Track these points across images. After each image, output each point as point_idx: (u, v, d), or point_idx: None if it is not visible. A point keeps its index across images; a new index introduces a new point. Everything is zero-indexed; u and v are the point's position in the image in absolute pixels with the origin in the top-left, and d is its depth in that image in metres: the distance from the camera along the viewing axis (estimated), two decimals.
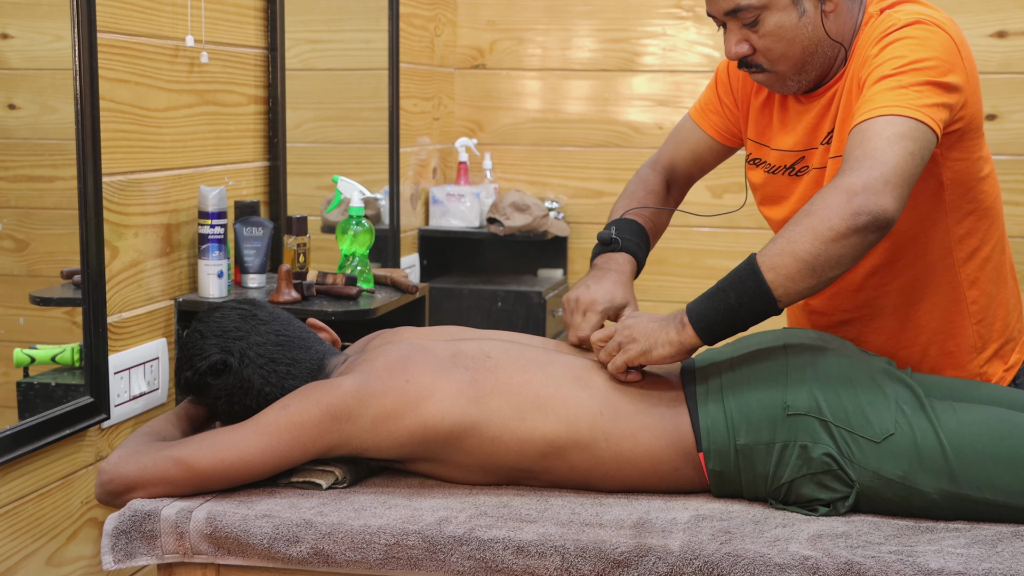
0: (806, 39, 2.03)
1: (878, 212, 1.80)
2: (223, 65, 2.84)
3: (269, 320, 2.09)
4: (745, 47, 2.05)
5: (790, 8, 2.01)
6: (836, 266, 1.83)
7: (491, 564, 1.79)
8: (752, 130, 2.24)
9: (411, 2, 4.00)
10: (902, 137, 1.85)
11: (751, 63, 2.08)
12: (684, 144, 2.38)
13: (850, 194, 1.81)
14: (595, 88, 4.42)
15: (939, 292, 2.11)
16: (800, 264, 1.83)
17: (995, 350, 2.17)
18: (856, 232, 1.81)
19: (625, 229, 2.23)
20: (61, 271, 2.39)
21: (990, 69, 4.05)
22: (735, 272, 1.89)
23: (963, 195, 2.07)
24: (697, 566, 1.75)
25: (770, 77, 2.09)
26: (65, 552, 2.36)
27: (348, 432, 1.92)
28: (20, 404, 2.27)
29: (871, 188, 1.81)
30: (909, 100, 1.89)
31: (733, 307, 1.88)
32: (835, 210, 1.81)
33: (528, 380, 1.97)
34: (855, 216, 1.80)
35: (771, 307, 1.87)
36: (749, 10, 2.01)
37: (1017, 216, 4.06)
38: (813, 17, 2.02)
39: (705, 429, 1.94)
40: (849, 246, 1.81)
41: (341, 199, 3.03)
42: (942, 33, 1.96)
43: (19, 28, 2.27)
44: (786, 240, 1.84)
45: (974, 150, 2.06)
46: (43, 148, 2.33)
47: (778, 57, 2.04)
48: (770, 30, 2.02)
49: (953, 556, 1.73)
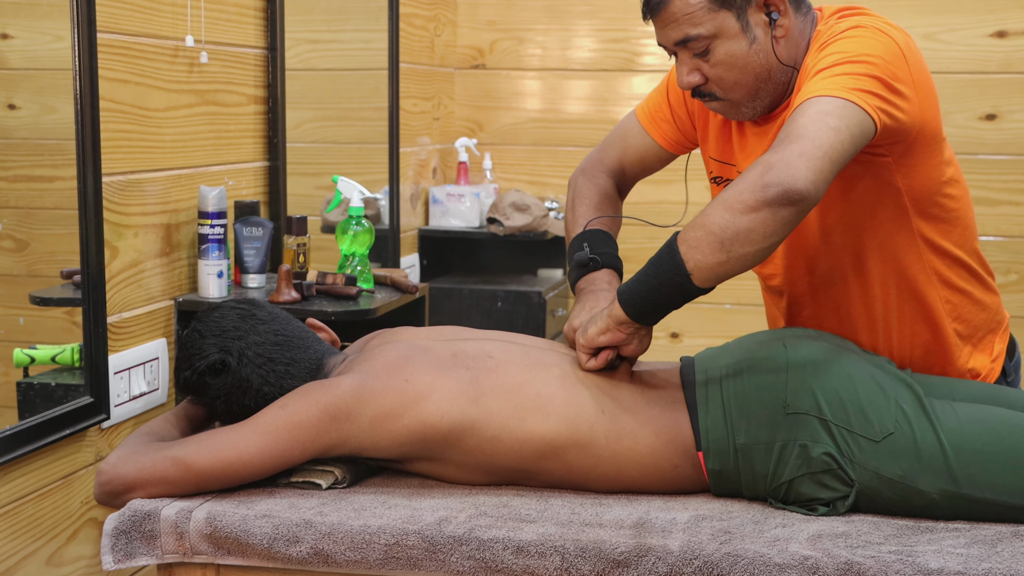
0: (758, 66, 2.01)
1: (788, 183, 1.76)
2: (223, 65, 2.84)
3: (268, 320, 2.09)
4: (697, 76, 2.03)
5: (740, 36, 1.99)
6: (746, 241, 1.79)
7: (491, 564, 1.79)
8: (714, 149, 2.22)
9: (411, 2, 4.00)
10: (826, 114, 1.82)
11: (704, 92, 2.06)
12: (632, 149, 2.35)
13: (764, 168, 1.79)
14: (595, 88, 4.42)
15: (914, 297, 2.10)
16: (710, 237, 1.81)
17: (975, 344, 2.17)
18: (766, 205, 1.77)
19: (598, 243, 2.22)
20: (61, 271, 2.39)
21: (990, 69, 4.05)
22: (661, 248, 1.90)
23: (926, 200, 2.05)
24: (697, 566, 1.75)
25: (724, 105, 2.07)
26: (65, 552, 2.36)
27: (347, 431, 1.92)
28: (20, 404, 2.27)
29: (785, 161, 1.78)
30: (841, 84, 1.87)
31: (651, 281, 1.89)
32: (748, 183, 1.79)
33: (529, 380, 1.97)
34: (765, 188, 1.77)
35: (686, 282, 1.84)
36: (699, 40, 1.99)
37: (1017, 216, 4.07)
38: (764, 44, 2.00)
39: (704, 428, 1.94)
40: (759, 220, 1.78)
41: (341, 199, 3.03)
42: (885, 37, 1.95)
43: (19, 28, 2.27)
44: (702, 214, 1.84)
45: (931, 156, 2.03)
46: (43, 148, 2.33)
47: (731, 86, 2.03)
48: (721, 59, 2.00)
49: (953, 556, 1.73)
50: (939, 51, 4.04)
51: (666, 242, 1.89)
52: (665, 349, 4.37)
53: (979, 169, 4.05)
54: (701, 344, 4.20)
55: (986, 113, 4.06)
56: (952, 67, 4.05)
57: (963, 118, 4.04)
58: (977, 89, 4.05)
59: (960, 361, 2.15)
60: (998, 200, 4.06)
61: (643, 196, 2.44)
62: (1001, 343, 2.21)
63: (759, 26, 2.00)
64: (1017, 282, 4.08)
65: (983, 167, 4.06)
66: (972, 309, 2.14)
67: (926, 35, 4.04)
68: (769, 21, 2.00)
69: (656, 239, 3.93)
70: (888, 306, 2.11)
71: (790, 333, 2.09)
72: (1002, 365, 2.20)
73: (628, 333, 1.96)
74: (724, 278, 1.85)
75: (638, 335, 1.97)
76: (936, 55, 4.04)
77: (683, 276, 1.84)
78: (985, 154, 4.07)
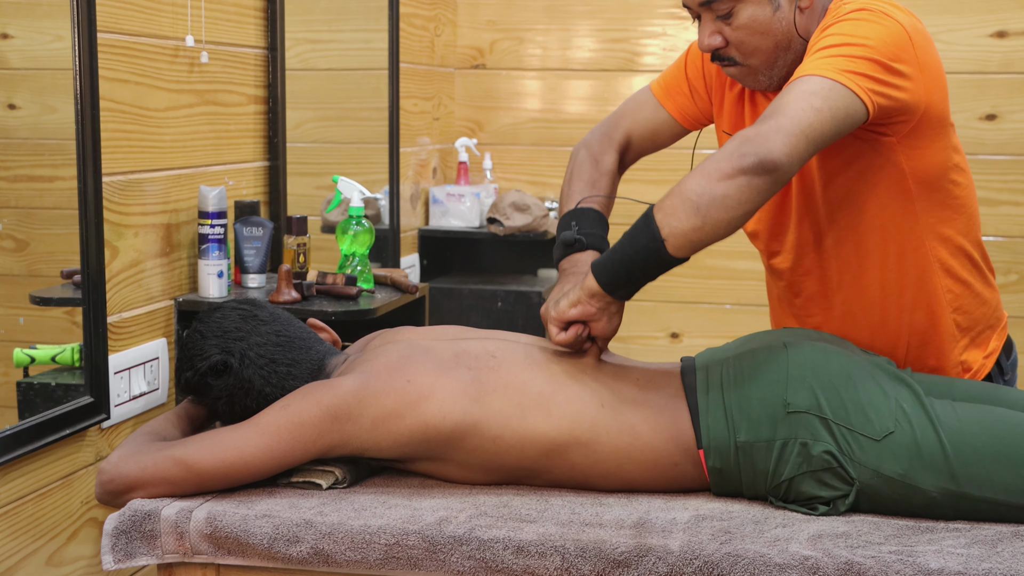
0: (779, 33, 2.04)
1: (763, 154, 1.81)
2: (223, 65, 2.84)
3: (270, 320, 2.09)
4: (718, 39, 2.06)
5: (765, 2, 2.03)
6: (721, 207, 1.83)
7: (491, 564, 1.79)
8: (727, 122, 2.24)
9: (411, 2, 4.00)
10: (811, 94, 1.86)
11: (723, 56, 2.09)
12: (644, 121, 2.35)
13: (742, 140, 1.84)
14: (595, 88, 4.42)
15: (916, 283, 2.11)
16: (685, 203, 1.84)
17: (972, 338, 2.17)
18: (742, 173, 1.81)
19: (586, 223, 2.20)
20: (61, 271, 2.39)
21: (990, 69, 4.05)
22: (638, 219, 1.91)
23: (931, 184, 2.06)
24: (697, 566, 1.75)
25: (742, 71, 2.10)
26: (65, 552, 2.36)
27: (349, 432, 1.92)
28: (20, 404, 2.27)
29: (763, 134, 1.83)
30: (834, 65, 1.90)
31: (626, 249, 1.91)
32: (725, 153, 1.84)
33: (531, 378, 1.97)
34: (741, 157, 1.82)
35: (660, 248, 1.87)
36: (724, 1, 2.03)
37: (1017, 216, 4.07)
38: (787, 12, 2.04)
39: (705, 426, 1.94)
40: (734, 187, 1.82)
41: (341, 199, 3.03)
42: (891, 21, 1.97)
43: (19, 28, 2.27)
44: (679, 184, 1.87)
45: (937, 140, 2.05)
46: (43, 148, 2.33)
47: (751, 50, 2.05)
48: (744, 22, 2.03)
49: (953, 556, 1.73)
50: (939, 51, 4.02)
51: (643, 213, 1.90)
52: (665, 349, 4.37)
53: (979, 169, 4.04)
54: (701, 344, 4.19)
55: (986, 113, 4.06)
56: (952, 67, 4.05)
57: (963, 118, 4.03)
58: (977, 89, 4.05)
59: (955, 353, 2.15)
60: (998, 200, 4.06)
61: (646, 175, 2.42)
62: (998, 340, 2.22)
63: None
64: (1017, 282, 4.08)
65: (983, 167, 4.06)
66: (973, 302, 2.15)
67: None
68: None
69: None
70: (887, 290, 2.11)
71: (790, 333, 2.10)
72: (994, 362, 2.20)
73: (599, 307, 1.96)
74: (699, 246, 1.87)
75: (608, 311, 1.98)
76: None
77: (658, 242, 1.87)
78: (985, 154, 4.07)
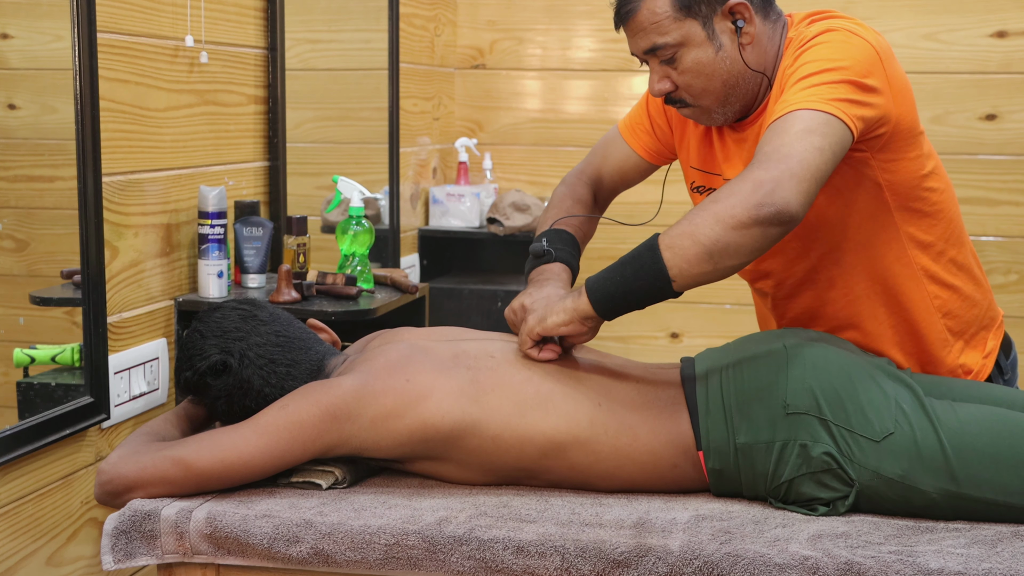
0: (725, 72, 2.05)
1: (782, 206, 1.82)
2: (223, 65, 2.84)
3: (269, 321, 2.09)
4: (667, 84, 2.08)
5: (706, 44, 2.04)
6: (734, 255, 1.85)
7: (491, 564, 1.79)
8: (695, 158, 2.25)
9: (411, 2, 4.00)
10: (810, 132, 1.87)
11: (675, 99, 2.11)
12: (612, 159, 2.39)
13: (756, 185, 1.83)
14: (595, 88, 4.42)
15: (902, 293, 2.11)
16: (698, 248, 1.85)
17: (967, 340, 2.17)
18: (758, 223, 1.83)
19: (556, 240, 2.24)
20: (61, 271, 2.39)
21: (990, 69, 4.05)
22: (637, 248, 1.92)
23: (907, 194, 2.07)
24: (697, 566, 1.75)
25: (695, 111, 2.12)
26: (65, 552, 2.36)
27: (348, 432, 1.92)
28: (20, 404, 2.27)
29: (776, 181, 1.83)
30: (820, 94, 1.91)
31: (629, 281, 1.91)
32: (740, 200, 1.84)
33: (529, 378, 1.97)
34: (759, 207, 1.82)
35: (666, 286, 1.88)
36: (666, 48, 2.04)
37: (1017, 216, 4.06)
38: (731, 51, 2.05)
39: (705, 428, 1.94)
40: (750, 236, 1.83)
41: (341, 199, 3.03)
42: (857, 39, 1.98)
43: (19, 28, 2.27)
44: (688, 222, 1.87)
45: (908, 150, 2.06)
46: (43, 148, 2.33)
47: (699, 92, 2.07)
48: (688, 67, 2.05)
49: (953, 556, 1.73)
50: (939, 51, 4.04)
51: (645, 245, 1.91)
52: (665, 349, 4.37)
53: (979, 169, 4.05)
54: (701, 344, 4.19)
55: (986, 113, 4.05)
56: (952, 67, 4.05)
57: (963, 118, 4.03)
58: (977, 89, 4.05)
59: (951, 357, 2.15)
60: (998, 200, 4.06)
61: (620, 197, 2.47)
62: (995, 340, 2.22)
63: (725, 33, 2.04)
64: (1017, 282, 4.08)
65: (983, 167, 4.06)
66: (963, 305, 2.15)
67: (926, 35, 4.04)
68: (735, 28, 2.04)
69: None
70: (874, 303, 2.12)
71: (790, 333, 2.10)
72: (994, 361, 2.21)
73: (589, 328, 1.98)
74: (700, 285, 1.90)
75: (594, 329, 2.00)
76: (936, 55, 4.04)
77: (664, 281, 1.88)
78: (985, 154, 4.07)
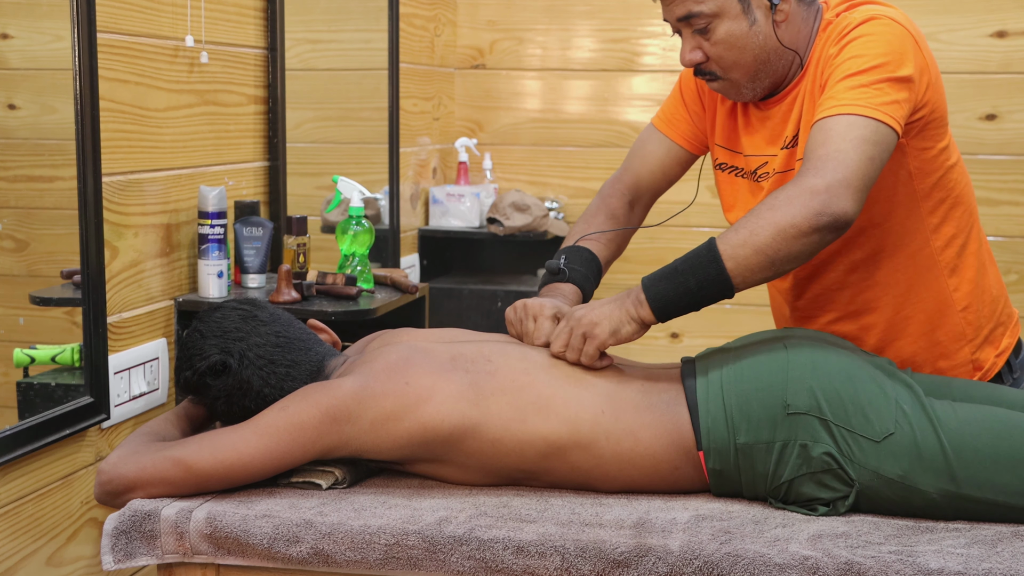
0: (757, 47, 2.07)
1: (839, 214, 1.88)
2: (223, 65, 2.84)
3: (269, 321, 2.09)
4: (699, 54, 2.10)
5: (741, 17, 2.05)
6: (793, 261, 1.91)
7: (491, 564, 1.79)
8: (720, 136, 2.26)
9: (411, 2, 4.00)
10: (864, 141, 1.92)
11: (705, 71, 2.12)
12: (651, 157, 2.37)
13: (814, 193, 1.88)
14: (595, 88, 4.42)
15: (922, 283, 2.13)
16: (761, 257, 1.90)
17: (985, 336, 2.18)
18: (817, 231, 1.88)
19: (576, 259, 2.24)
20: (61, 271, 2.39)
21: (990, 69, 4.05)
22: (695, 256, 1.94)
23: (933, 184, 2.10)
24: (697, 566, 1.75)
25: (724, 84, 2.13)
26: (65, 552, 2.36)
27: (347, 433, 1.91)
28: (20, 404, 2.27)
29: (833, 190, 1.88)
30: (869, 99, 1.94)
31: (692, 290, 1.94)
32: (799, 208, 1.88)
33: (530, 382, 1.97)
34: (818, 216, 1.87)
35: (728, 293, 1.94)
36: (700, 17, 2.06)
37: (1017, 216, 4.06)
38: (764, 26, 2.07)
39: (705, 428, 1.94)
40: (808, 243, 1.89)
41: (341, 199, 3.03)
42: (896, 26, 2.02)
43: (19, 28, 2.27)
44: (748, 232, 1.90)
45: (938, 139, 2.10)
46: (43, 148, 2.33)
47: (730, 65, 2.08)
48: (721, 38, 2.06)
49: (953, 556, 1.73)
50: (939, 51, 4.04)
51: (704, 255, 1.93)
52: (665, 349, 4.37)
53: (979, 169, 4.05)
54: (701, 344, 4.19)
55: (986, 113, 4.05)
56: (952, 67, 4.05)
57: (963, 118, 4.03)
58: (977, 89, 4.05)
59: (964, 352, 2.16)
60: (998, 200, 4.06)
61: None
62: (1010, 338, 2.23)
63: (760, 8, 2.06)
64: (1017, 282, 4.08)
65: (983, 167, 4.06)
66: (981, 299, 2.17)
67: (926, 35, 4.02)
68: (771, 5, 2.06)
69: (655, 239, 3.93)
70: (895, 292, 2.13)
71: (790, 333, 2.10)
72: (1005, 361, 2.21)
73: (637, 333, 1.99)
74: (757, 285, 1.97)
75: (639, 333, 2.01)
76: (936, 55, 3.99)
77: (728, 290, 1.93)
78: (985, 154, 4.07)
